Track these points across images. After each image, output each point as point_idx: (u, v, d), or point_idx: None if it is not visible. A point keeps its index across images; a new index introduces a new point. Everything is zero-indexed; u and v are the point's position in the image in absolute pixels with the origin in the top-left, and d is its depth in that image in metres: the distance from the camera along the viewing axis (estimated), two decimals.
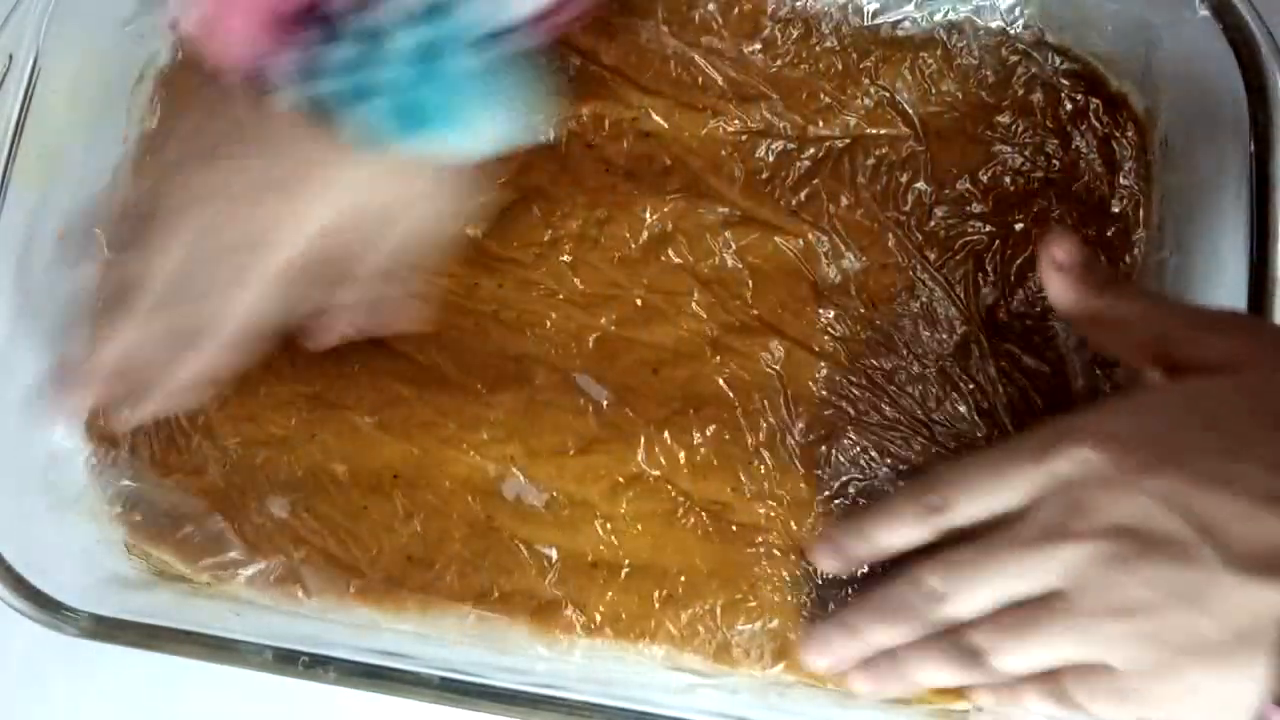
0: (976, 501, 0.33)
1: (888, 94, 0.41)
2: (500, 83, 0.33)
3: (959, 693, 0.36)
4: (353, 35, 0.30)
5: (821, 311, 0.40)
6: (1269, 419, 0.30)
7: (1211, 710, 0.29)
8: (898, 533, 0.34)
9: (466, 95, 0.32)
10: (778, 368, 0.40)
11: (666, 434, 0.39)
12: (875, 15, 0.42)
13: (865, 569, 0.37)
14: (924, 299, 0.40)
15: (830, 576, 0.38)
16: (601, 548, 0.39)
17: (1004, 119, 0.41)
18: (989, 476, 0.33)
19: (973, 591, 0.32)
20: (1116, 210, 0.40)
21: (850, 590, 0.38)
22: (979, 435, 0.39)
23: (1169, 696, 0.30)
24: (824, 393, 0.39)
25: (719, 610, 0.38)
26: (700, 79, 0.42)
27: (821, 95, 0.41)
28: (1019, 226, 0.40)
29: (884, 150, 0.41)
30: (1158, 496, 0.29)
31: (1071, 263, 0.34)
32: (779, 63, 0.42)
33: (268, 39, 0.31)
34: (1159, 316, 0.33)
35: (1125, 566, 0.29)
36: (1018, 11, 0.41)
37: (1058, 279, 0.35)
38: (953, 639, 0.33)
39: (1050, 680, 0.32)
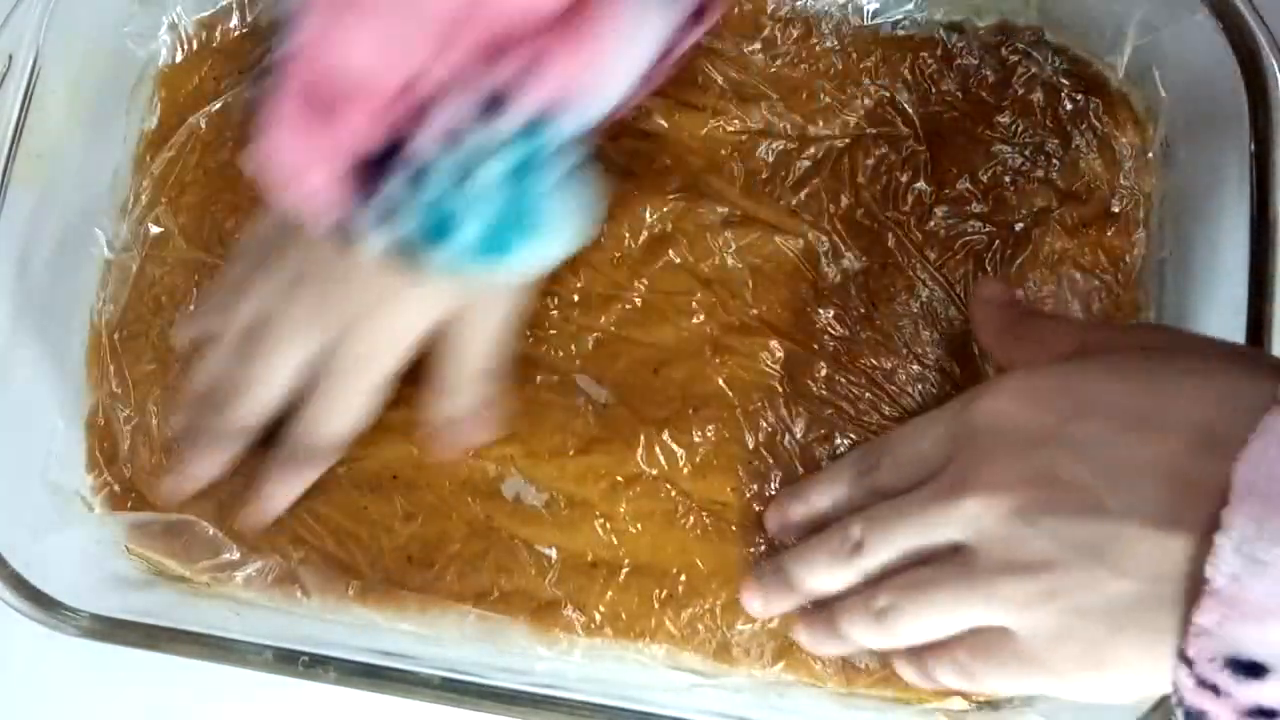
0: (899, 457, 0.33)
1: (888, 94, 0.41)
2: (575, 185, 0.33)
3: (958, 691, 0.36)
4: (441, 171, 0.30)
5: (821, 311, 0.40)
6: (1181, 377, 0.29)
7: (1121, 677, 0.28)
8: (832, 492, 0.35)
9: (552, 206, 0.32)
10: (778, 368, 0.40)
11: (666, 434, 0.39)
12: (875, 15, 0.42)
13: None
14: (924, 299, 0.40)
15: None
16: (601, 548, 0.39)
17: (1004, 119, 0.41)
18: (910, 433, 0.34)
19: (887, 540, 0.32)
20: (1116, 210, 0.40)
21: None
22: None
23: (1074, 664, 0.29)
24: (824, 393, 0.39)
25: (719, 610, 0.38)
26: (700, 78, 0.42)
27: (821, 95, 0.41)
28: (1019, 226, 0.40)
29: (884, 150, 0.41)
30: (1066, 445, 0.29)
31: (999, 297, 0.36)
32: (779, 63, 0.42)
33: (350, 189, 0.30)
34: (1082, 326, 0.37)
35: (1026, 519, 0.29)
36: (1018, 11, 0.41)
37: (984, 309, 0.36)
38: (868, 596, 0.33)
39: (952, 648, 0.31)
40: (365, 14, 0.29)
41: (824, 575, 0.34)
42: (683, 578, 0.39)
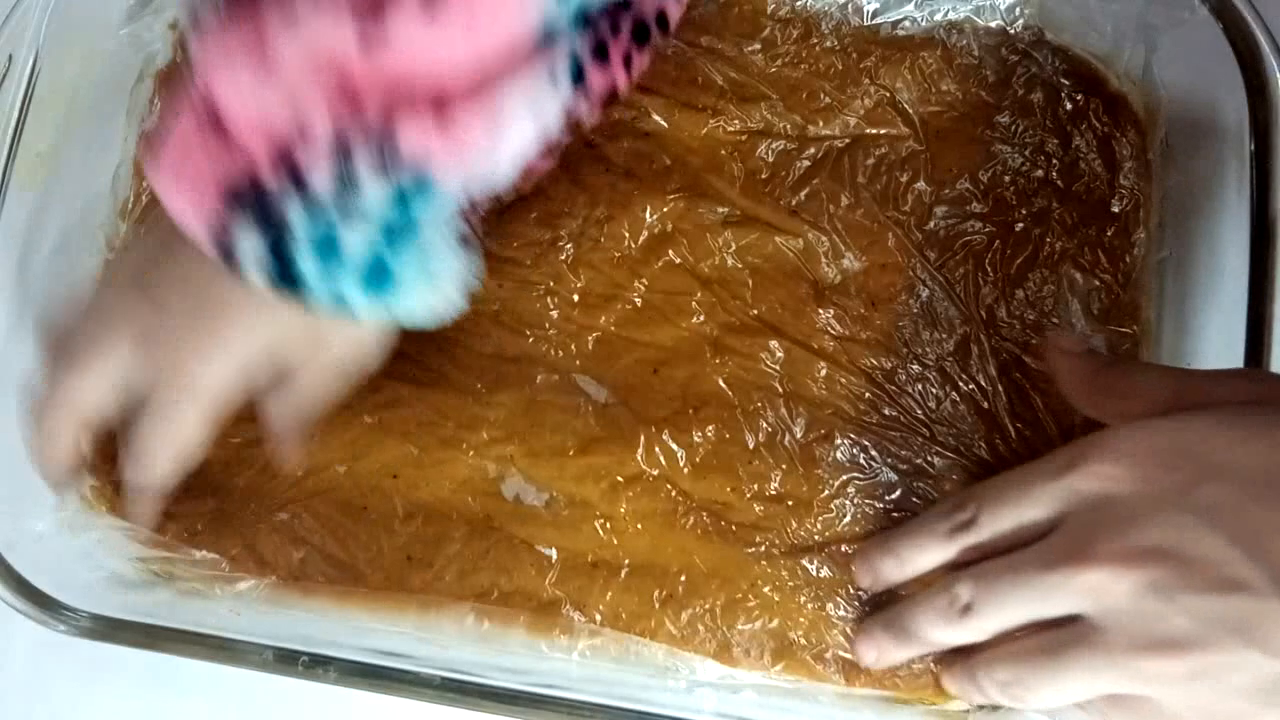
0: (1001, 516, 0.32)
1: (888, 94, 0.41)
2: (459, 244, 0.32)
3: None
4: (327, 208, 0.29)
5: (821, 311, 0.40)
6: None
7: None
8: (927, 550, 0.34)
9: (435, 258, 0.31)
10: (778, 368, 0.40)
11: (666, 434, 0.39)
12: (875, 15, 0.42)
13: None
14: (924, 299, 0.40)
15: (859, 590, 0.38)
16: (601, 548, 0.39)
17: (1004, 119, 0.41)
18: (1013, 491, 0.32)
19: (1000, 606, 0.31)
20: (1116, 210, 0.40)
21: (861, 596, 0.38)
22: (978, 436, 0.39)
23: None
24: (824, 393, 0.39)
25: (719, 610, 0.38)
26: (700, 79, 0.42)
27: (821, 95, 0.41)
28: (1019, 226, 0.40)
29: (884, 150, 0.41)
30: (1197, 513, 0.27)
31: (1078, 348, 0.35)
32: (779, 63, 0.42)
33: (240, 210, 0.29)
34: (1174, 374, 0.33)
35: (1164, 595, 0.27)
36: (1018, 11, 0.41)
37: (1066, 360, 0.35)
38: (985, 670, 0.32)
39: (1093, 707, 0.31)
40: (237, 73, 0.28)
41: (933, 634, 0.33)
42: (683, 578, 0.39)
